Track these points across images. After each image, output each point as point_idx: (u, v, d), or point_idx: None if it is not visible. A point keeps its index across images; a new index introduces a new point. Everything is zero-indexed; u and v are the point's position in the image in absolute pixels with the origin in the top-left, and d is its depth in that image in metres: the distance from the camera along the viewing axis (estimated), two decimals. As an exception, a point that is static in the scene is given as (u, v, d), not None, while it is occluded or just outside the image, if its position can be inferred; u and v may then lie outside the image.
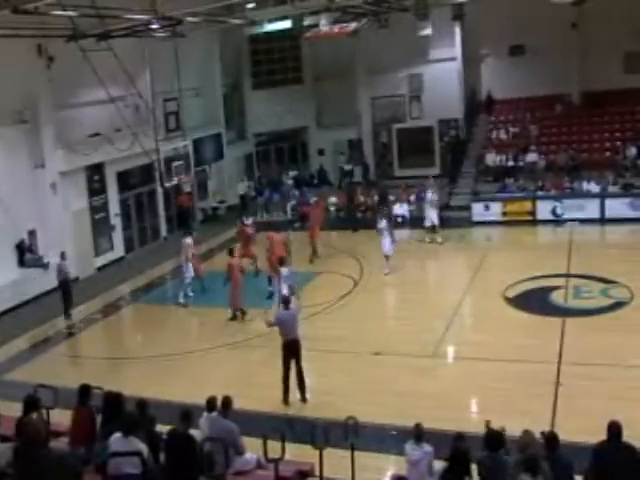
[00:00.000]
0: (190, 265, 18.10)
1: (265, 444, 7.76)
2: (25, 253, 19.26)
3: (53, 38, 18.49)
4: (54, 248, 19.02)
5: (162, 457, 7.48)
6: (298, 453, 8.64)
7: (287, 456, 7.74)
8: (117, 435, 7.20)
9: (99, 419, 8.09)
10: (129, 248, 23.82)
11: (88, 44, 18.75)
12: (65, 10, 15.88)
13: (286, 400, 11.82)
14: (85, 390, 8.38)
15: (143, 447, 7.07)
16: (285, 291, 14.93)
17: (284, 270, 15.40)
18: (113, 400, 8.14)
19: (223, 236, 24.29)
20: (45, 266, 19.18)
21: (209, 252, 22.43)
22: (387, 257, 18.94)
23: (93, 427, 8.11)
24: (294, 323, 11.94)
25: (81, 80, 19.75)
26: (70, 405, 8.49)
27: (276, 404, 11.74)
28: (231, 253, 16.80)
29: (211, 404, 8.47)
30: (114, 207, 23.10)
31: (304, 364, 11.92)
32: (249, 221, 21.06)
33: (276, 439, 7.73)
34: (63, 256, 17.87)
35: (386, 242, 18.96)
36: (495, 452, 6.93)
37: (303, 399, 11.88)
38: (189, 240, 18.47)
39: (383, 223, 19.26)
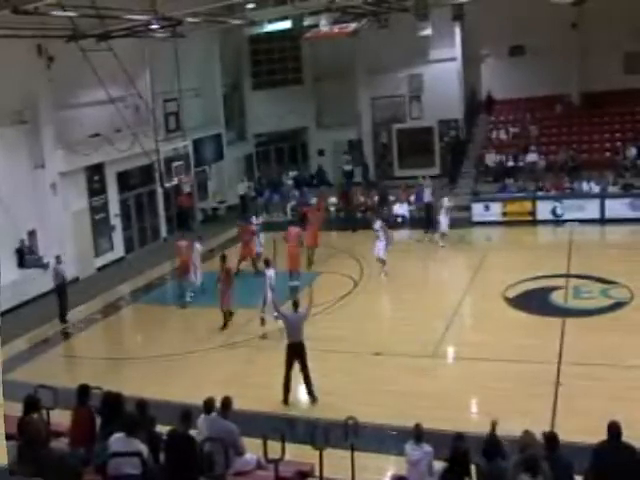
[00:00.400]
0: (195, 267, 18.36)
1: (265, 444, 7.75)
2: (25, 256, 19.24)
3: (53, 38, 18.48)
4: (54, 249, 19.02)
5: (162, 457, 7.48)
6: (298, 453, 8.62)
7: (287, 456, 7.73)
8: (117, 435, 7.19)
9: (99, 420, 8.10)
10: (129, 248, 23.82)
11: (88, 44, 18.76)
12: (65, 10, 15.89)
13: (286, 400, 11.82)
14: (84, 390, 8.38)
15: (143, 448, 7.07)
16: (270, 292, 14.92)
17: (269, 272, 15.35)
18: (112, 401, 8.14)
19: (223, 236, 24.31)
20: (45, 266, 19.17)
21: (209, 252, 22.38)
22: (383, 261, 18.72)
23: (93, 427, 8.11)
24: (300, 326, 11.91)
25: (81, 80, 19.75)
26: (70, 405, 8.49)
27: (275, 404, 11.74)
28: (223, 259, 16.71)
29: (209, 405, 8.44)
30: (114, 207, 23.09)
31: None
32: (259, 220, 21.28)
33: (276, 439, 7.72)
34: (59, 259, 17.77)
35: (381, 245, 18.76)
36: (492, 460, 6.89)
37: (313, 400, 11.86)
38: (198, 245, 18.84)
39: (378, 224, 19.10)
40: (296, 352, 11.80)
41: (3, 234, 18.59)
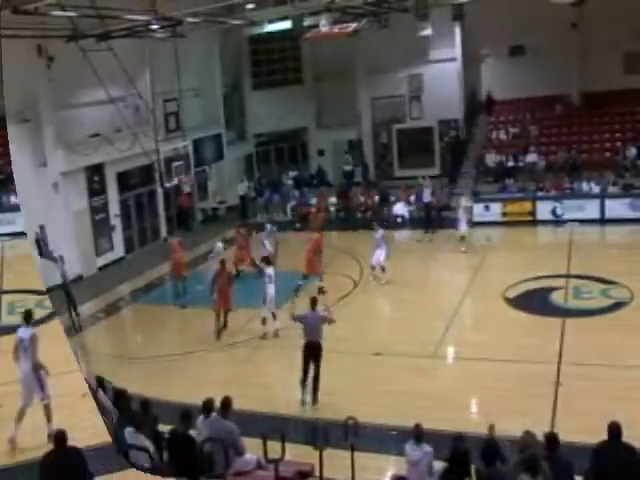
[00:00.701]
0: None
1: (265, 444, 7.76)
2: (42, 245, 19.25)
3: (53, 38, 18.47)
4: (58, 247, 19.00)
5: (165, 456, 7.55)
6: (298, 453, 8.64)
7: (287, 456, 7.75)
8: (129, 429, 7.35)
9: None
10: (129, 248, 23.79)
11: (88, 44, 18.75)
12: (65, 10, 15.90)
13: (303, 399, 11.78)
14: (99, 381, 8.62)
15: (149, 444, 7.20)
16: (270, 291, 14.93)
17: (268, 270, 15.34)
18: (120, 396, 8.31)
19: (223, 237, 24.26)
20: (55, 260, 19.12)
21: (209, 253, 22.37)
22: (383, 268, 18.41)
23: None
24: (318, 325, 11.87)
25: (81, 80, 19.72)
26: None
27: (275, 404, 11.76)
28: (222, 264, 16.60)
29: (208, 406, 8.44)
30: (114, 208, 23.04)
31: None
32: (274, 229, 21.05)
33: (276, 439, 7.73)
34: (62, 259, 17.69)
35: (382, 254, 18.37)
36: (492, 464, 6.88)
37: (314, 401, 11.86)
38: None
39: (379, 233, 18.53)
40: (311, 352, 11.78)
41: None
